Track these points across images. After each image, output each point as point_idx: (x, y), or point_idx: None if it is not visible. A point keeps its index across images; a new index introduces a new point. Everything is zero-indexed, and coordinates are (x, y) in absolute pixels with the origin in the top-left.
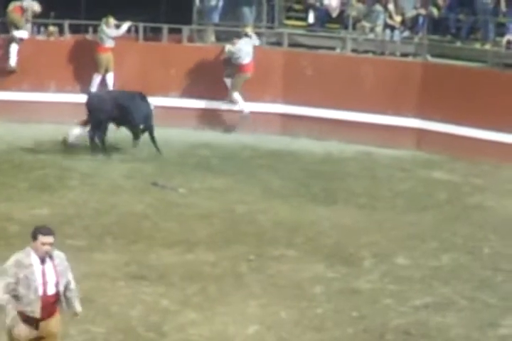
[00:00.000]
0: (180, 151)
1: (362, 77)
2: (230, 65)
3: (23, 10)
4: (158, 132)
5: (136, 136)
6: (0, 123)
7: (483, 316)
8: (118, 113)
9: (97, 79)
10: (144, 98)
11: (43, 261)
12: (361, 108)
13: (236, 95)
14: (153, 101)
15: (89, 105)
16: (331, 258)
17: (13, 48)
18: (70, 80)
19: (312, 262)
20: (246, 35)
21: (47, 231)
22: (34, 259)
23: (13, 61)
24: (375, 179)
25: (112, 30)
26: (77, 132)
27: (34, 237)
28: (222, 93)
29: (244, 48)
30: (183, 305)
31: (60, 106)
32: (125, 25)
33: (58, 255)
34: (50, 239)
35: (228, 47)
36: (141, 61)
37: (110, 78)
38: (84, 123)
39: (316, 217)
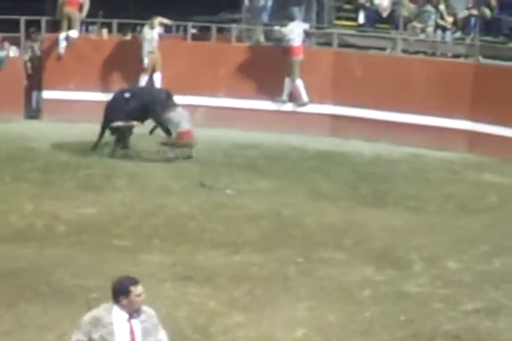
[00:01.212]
0: (227, 152)
1: (412, 78)
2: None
3: (80, 4)
4: (206, 132)
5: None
6: (47, 122)
7: None
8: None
9: (143, 79)
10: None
11: (131, 316)
12: (412, 109)
13: (299, 82)
14: (201, 101)
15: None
16: (379, 262)
17: (62, 40)
18: (117, 80)
19: (361, 265)
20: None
21: (135, 280)
22: (117, 317)
23: (62, 48)
24: (425, 181)
25: (150, 33)
26: None
27: (125, 292)
28: (270, 93)
29: (296, 30)
30: (230, 307)
31: None
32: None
33: (145, 310)
34: (141, 287)
35: (278, 28)
36: (190, 61)
37: (158, 78)
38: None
39: (365, 219)
